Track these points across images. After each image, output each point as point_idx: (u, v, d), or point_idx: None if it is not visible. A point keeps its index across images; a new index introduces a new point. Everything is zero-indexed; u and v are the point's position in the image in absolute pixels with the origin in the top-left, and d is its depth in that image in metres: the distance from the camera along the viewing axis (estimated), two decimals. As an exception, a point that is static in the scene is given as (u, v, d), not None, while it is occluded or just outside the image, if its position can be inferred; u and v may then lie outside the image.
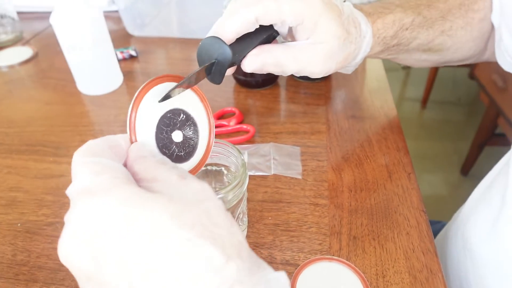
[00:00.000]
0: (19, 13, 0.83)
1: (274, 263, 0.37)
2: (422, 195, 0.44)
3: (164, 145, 0.27)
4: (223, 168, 0.36)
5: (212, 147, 0.34)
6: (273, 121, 0.55)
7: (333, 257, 0.37)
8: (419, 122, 2.03)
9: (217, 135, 0.53)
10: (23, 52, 0.75)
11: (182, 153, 0.29)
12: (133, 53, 0.71)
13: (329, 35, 0.35)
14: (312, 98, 0.60)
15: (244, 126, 0.53)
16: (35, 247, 0.39)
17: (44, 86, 0.66)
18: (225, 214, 0.20)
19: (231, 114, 0.56)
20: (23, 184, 0.47)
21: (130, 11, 0.79)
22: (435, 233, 0.59)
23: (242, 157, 0.33)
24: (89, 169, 0.21)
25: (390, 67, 2.53)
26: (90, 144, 0.23)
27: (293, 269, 0.36)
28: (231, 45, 0.32)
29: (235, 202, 0.33)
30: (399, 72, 2.39)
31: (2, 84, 0.67)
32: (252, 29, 0.33)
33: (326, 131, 0.53)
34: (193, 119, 0.30)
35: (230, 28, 0.31)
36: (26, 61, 0.72)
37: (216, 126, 0.53)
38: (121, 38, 0.80)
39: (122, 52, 0.70)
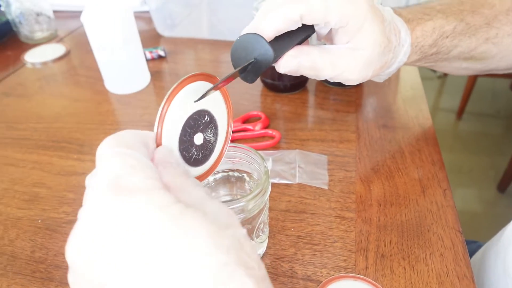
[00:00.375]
0: (55, 11, 0.85)
1: (294, 278, 0.35)
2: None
3: (185, 148, 0.26)
4: (245, 175, 0.35)
5: (233, 152, 0.33)
6: (300, 127, 0.53)
7: (359, 275, 0.34)
8: (453, 134, 1.94)
9: (242, 140, 0.51)
10: (56, 50, 0.76)
11: (200, 157, 0.28)
12: (162, 53, 0.71)
13: (371, 42, 0.33)
14: (342, 105, 0.57)
15: (270, 131, 0.51)
16: (53, 244, 0.39)
17: (73, 83, 0.67)
18: (251, 244, 0.19)
19: (257, 118, 0.54)
20: (46, 180, 0.47)
21: (161, 12, 0.79)
22: (470, 254, 0.55)
23: (265, 164, 0.31)
24: (123, 161, 0.19)
25: (424, 76, 2.44)
26: (123, 134, 0.21)
27: (315, 286, 0.34)
28: (268, 43, 0.29)
29: (256, 212, 0.31)
30: (434, 81, 2.31)
31: (34, 81, 0.68)
32: (294, 28, 0.31)
33: (355, 140, 0.50)
34: (215, 121, 0.29)
35: (271, 25, 0.29)
36: (59, 58, 0.74)
37: (241, 130, 0.52)
38: (151, 38, 0.80)
39: (151, 52, 0.70)
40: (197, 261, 0.17)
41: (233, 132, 0.52)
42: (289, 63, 0.32)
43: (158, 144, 0.24)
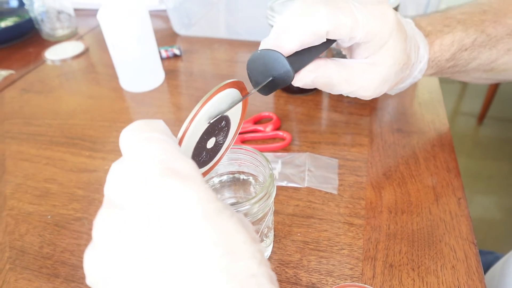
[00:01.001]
0: (75, 9, 0.86)
1: (299, 285, 0.34)
2: (473, 218, 0.39)
3: (198, 153, 0.26)
4: (251, 177, 0.34)
5: (239, 154, 0.33)
6: (312, 130, 0.52)
7: (365, 285, 0.33)
8: (473, 139, 1.88)
9: (252, 141, 0.51)
10: (75, 47, 0.78)
11: (207, 158, 0.28)
12: (177, 52, 0.72)
13: (391, 60, 0.32)
14: (356, 108, 0.56)
15: (281, 133, 0.50)
16: (61, 241, 0.39)
17: (90, 80, 0.68)
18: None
19: (268, 120, 0.54)
20: (58, 176, 0.48)
21: (178, 11, 0.79)
22: (487, 266, 0.53)
23: (270, 167, 0.31)
24: (164, 146, 0.19)
25: (445, 79, 2.37)
26: (154, 121, 0.21)
27: (319, 294, 0.33)
28: (288, 58, 0.28)
29: (260, 216, 0.31)
30: (455, 85, 2.24)
31: (54, 77, 0.69)
32: (317, 43, 0.30)
33: (368, 144, 0.49)
34: (229, 125, 0.28)
35: (295, 40, 0.28)
36: (78, 56, 0.75)
37: (252, 131, 0.51)
38: (167, 36, 0.80)
39: (166, 51, 0.71)
40: (229, 268, 0.16)
41: (244, 133, 0.51)
42: (306, 78, 0.31)
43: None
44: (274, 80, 0.29)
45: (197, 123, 0.24)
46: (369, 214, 0.40)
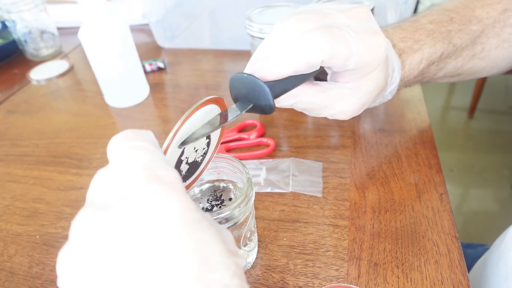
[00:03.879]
0: (59, 28, 0.87)
1: (285, 289, 0.35)
2: (469, 212, 0.40)
3: (179, 167, 0.27)
4: (230, 184, 0.35)
5: (217, 162, 0.33)
6: (296, 134, 0.53)
7: (350, 285, 0.34)
8: (465, 133, 1.90)
9: (237, 149, 0.51)
10: (60, 66, 0.78)
11: (187, 174, 0.28)
12: (161, 65, 0.72)
13: (373, 86, 0.33)
14: (338, 110, 0.57)
15: (265, 140, 0.51)
16: (49, 260, 0.40)
17: (75, 98, 0.68)
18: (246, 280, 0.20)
19: (253, 127, 0.54)
20: (46, 195, 0.48)
21: (161, 24, 0.80)
22: (477, 259, 0.53)
23: (246, 171, 0.31)
24: (151, 154, 0.19)
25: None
26: (141, 130, 0.21)
27: (305, 297, 0.34)
28: (274, 83, 0.28)
29: (242, 220, 0.31)
30: (444, 80, 2.27)
31: (39, 97, 0.70)
32: (310, 72, 0.29)
33: (351, 146, 0.50)
34: (210, 141, 0.29)
35: (286, 69, 0.28)
36: (63, 74, 0.76)
37: (236, 140, 0.52)
38: (151, 50, 0.81)
39: (150, 64, 0.72)
40: (201, 278, 0.17)
41: (229, 141, 0.52)
42: (286, 102, 0.31)
43: None
44: (253, 107, 0.29)
45: (178, 139, 0.24)
46: (353, 214, 0.41)
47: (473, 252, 0.58)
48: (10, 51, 0.81)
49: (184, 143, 0.25)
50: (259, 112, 0.29)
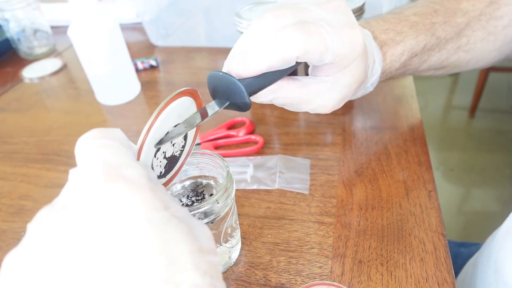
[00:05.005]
0: (53, 27, 0.87)
1: (268, 286, 0.34)
2: (470, 212, 0.39)
3: (156, 163, 0.26)
4: (212, 181, 0.34)
5: (199, 158, 0.33)
6: (285, 132, 0.52)
7: (333, 282, 0.33)
8: (466, 132, 1.89)
9: (225, 146, 0.51)
10: (53, 64, 0.78)
11: (164, 171, 0.28)
12: (154, 63, 0.72)
13: (352, 79, 0.32)
14: (329, 107, 0.56)
15: (253, 137, 0.50)
16: (32, 256, 0.39)
17: (66, 96, 0.68)
18: (221, 277, 0.19)
19: (242, 124, 0.54)
20: (33, 192, 0.48)
21: (155, 22, 0.80)
22: (470, 258, 0.52)
23: (226, 165, 0.31)
24: (116, 152, 0.19)
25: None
26: (110, 129, 0.21)
27: (287, 294, 0.33)
28: (251, 79, 0.28)
29: (221, 215, 0.31)
30: (446, 79, 2.25)
31: (31, 95, 0.70)
32: (286, 67, 0.29)
33: (341, 143, 0.49)
34: (186, 137, 0.29)
35: (261, 65, 0.27)
36: (55, 73, 0.76)
37: (224, 137, 0.51)
38: (144, 48, 0.81)
39: (142, 62, 0.71)
40: (169, 279, 0.16)
41: (217, 138, 0.51)
42: (265, 98, 0.31)
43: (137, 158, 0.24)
44: (230, 104, 0.29)
45: (153, 134, 0.24)
46: (339, 212, 0.40)
47: (466, 251, 0.58)
48: (3, 49, 0.81)
49: (160, 142, 0.25)
50: (236, 109, 0.29)
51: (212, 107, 0.28)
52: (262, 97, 0.31)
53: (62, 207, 0.17)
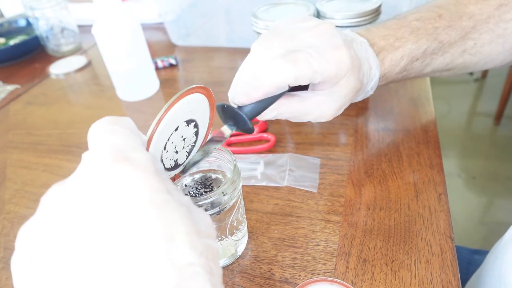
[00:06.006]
0: (80, 26, 0.90)
1: (271, 280, 0.35)
2: (491, 221, 0.39)
3: (166, 156, 0.27)
4: (221, 175, 0.35)
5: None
6: (297, 131, 0.53)
7: (336, 279, 0.34)
8: (491, 140, 1.83)
9: (238, 143, 0.52)
10: (79, 61, 0.81)
11: (174, 164, 0.29)
12: (173, 61, 0.74)
13: (346, 90, 0.35)
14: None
15: (265, 135, 0.51)
16: (50, 241, 0.41)
17: (89, 92, 0.71)
18: (219, 261, 0.20)
19: (255, 123, 0.55)
20: (54, 182, 0.49)
21: (176, 23, 0.82)
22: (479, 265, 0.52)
23: (234, 159, 0.32)
24: (125, 138, 0.20)
25: (460, 80, 2.33)
26: (122, 117, 0.22)
27: (290, 289, 0.34)
28: (253, 105, 0.32)
29: (227, 207, 0.32)
30: (471, 84, 2.20)
31: (56, 90, 0.73)
32: (280, 92, 0.33)
33: (352, 144, 0.50)
34: (198, 128, 0.30)
35: (259, 93, 0.31)
36: (80, 69, 0.79)
37: (237, 134, 0.53)
38: (165, 47, 0.83)
39: (162, 61, 0.73)
40: (167, 254, 0.17)
41: (230, 136, 0.52)
42: (269, 115, 0.35)
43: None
44: (237, 129, 0.33)
45: (164, 126, 0.25)
46: (347, 211, 0.41)
47: (480, 259, 0.56)
48: (33, 46, 0.85)
49: (184, 171, 0.29)
50: (243, 132, 0.34)
51: (226, 132, 0.32)
52: (266, 115, 0.35)
53: (72, 184, 0.19)
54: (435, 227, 0.38)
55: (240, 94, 0.32)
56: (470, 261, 0.56)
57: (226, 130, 0.32)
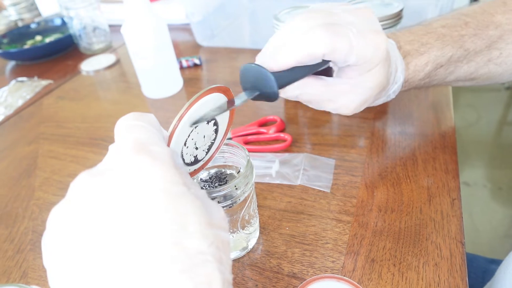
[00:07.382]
0: (111, 26, 0.94)
1: (280, 274, 0.36)
2: None
3: (184, 152, 0.28)
4: (235, 171, 0.37)
5: (224, 148, 0.35)
6: (314, 132, 0.54)
7: (343, 277, 0.35)
8: (521, 150, 1.77)
9: (255, 142, 0.53)
10: (108, 59, 0.85)
11: (193, 160, 0.30)
12: (197, 61, 0.76)
13: (374, 83, 0.34)
14: (361, 111, 0.57)
15: (282, 135, 0.52)
16: (74, 227, 0.44)
17: (116, 88, 0.74)
18: (229, 252, 0.21)
19: (273, 122, 0.56)
20: (80, 171, 0.53)
21: (202, 24, 0.84)
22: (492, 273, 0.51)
23: (247, 155, 0.33)
24: (148, 133, 0.22)
25: (491, 88, 2.26)
26: (147, 114, 0.24)
27: (298, 283, 0.35)
28: (280, 73, 0.30)
29: (240, 201, 0.33)
30: (502, 93, 2.13)
31: (86, 86, 0.77)
32: (313, 63, 0.31)
33: (368, 146, 0.50)
34: (218, 126, 0.31)
35: (290, 59, 0.30)
36: (110, 67, 0.82)
37: (254, 134, 0.54)
38: (190, 47, 0.86)
39: (187, 60, 0.76)
40: (178, 241, 0.18)
41: (248, 134, 0.54)
42: (292, 93, 0.33)
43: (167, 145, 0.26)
44: (260, 94, 0.31)
45: (184, 123, 0.27)
46: (358, 211, 0.41)
47: (497, 268, 0.55)
48: (66, 44, 0.89)
49: (195, 122, 0.27)
50: (265, 99, 0.32)
51: (242, 96, 0.31)
52: (289, 92, 0.33)
53: (97, 172, 0.21)
54: (446, 231, 0.38)
55: (270, 59, 0.30)
56: (486, 270, 0.55)
57: (243, 96, 0.31)
